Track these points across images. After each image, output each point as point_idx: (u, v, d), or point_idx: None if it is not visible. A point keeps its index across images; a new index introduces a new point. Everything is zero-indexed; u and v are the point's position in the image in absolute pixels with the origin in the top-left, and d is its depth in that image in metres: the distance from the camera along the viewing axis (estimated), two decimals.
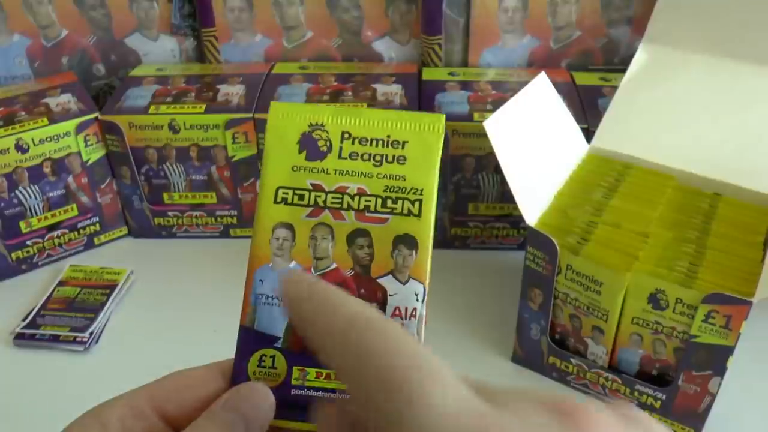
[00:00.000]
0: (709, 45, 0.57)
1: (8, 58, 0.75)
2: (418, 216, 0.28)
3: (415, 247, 0.28)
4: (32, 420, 0.53)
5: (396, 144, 0.29)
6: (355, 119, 0.30)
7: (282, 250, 0.29)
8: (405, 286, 0.28)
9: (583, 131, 0.59)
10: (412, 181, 0.29)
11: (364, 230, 0.28)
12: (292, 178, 0.29)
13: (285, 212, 0.29)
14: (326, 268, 0.28)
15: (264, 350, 0.28)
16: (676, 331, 0.47)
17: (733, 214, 0.52)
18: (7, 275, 0.67)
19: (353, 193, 0.29)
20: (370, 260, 0.28)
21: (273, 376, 0.28)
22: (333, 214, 0.29)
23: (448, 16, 0.73)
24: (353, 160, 0.29)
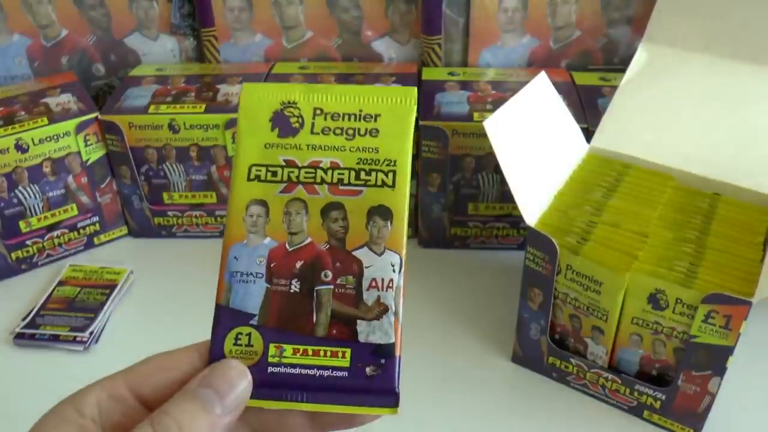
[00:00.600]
0: (708, 45, 0.57)
1: (8, 58, 0.75)
2: (392, 187, 0.29)
3: (390, 218, 0.28)
4: (32, 420, 0.53)
5: (368, 117, 0.29)
6: (326, 95, 0.30)
7: (256, 227, 0.29)
8: (381, 258, 0.28)
9: (583, 131, 0.59)
10: (386, 153, 0.29)
11: (338, 203, 0.29)
12: (264, 155, 0.29)
13: (258, 189, 0.29)
14: (301, 243, 0.28)
15: (240, 328, 0.28)
16: (675, 331, 0.47)
17: (732, 214, 0.52)
18: (6, 275, 0.67)
19: (326, 167, 0.29)
20: (344, 233, 0.28)
21: (249, 354, 0.28)
22: (306, 189, 0.29)
23: (448, 16, 0.73)
24: (326, 134, 0.29)
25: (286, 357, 0.27)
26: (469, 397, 0.53)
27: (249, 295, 0.28)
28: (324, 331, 0.28)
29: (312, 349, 0.27)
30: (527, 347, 0.55)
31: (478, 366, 0.56)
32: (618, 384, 0.51)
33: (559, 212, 0.52)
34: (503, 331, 0.59)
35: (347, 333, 0.27)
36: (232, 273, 0.29)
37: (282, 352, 0.28)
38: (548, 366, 0.54)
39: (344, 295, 0.28)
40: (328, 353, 0.27)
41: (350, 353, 0.27)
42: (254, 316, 0.28)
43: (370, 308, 0.28)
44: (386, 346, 0.27)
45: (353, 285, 0.28)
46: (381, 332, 0.27)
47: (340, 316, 0.28)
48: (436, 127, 0.63)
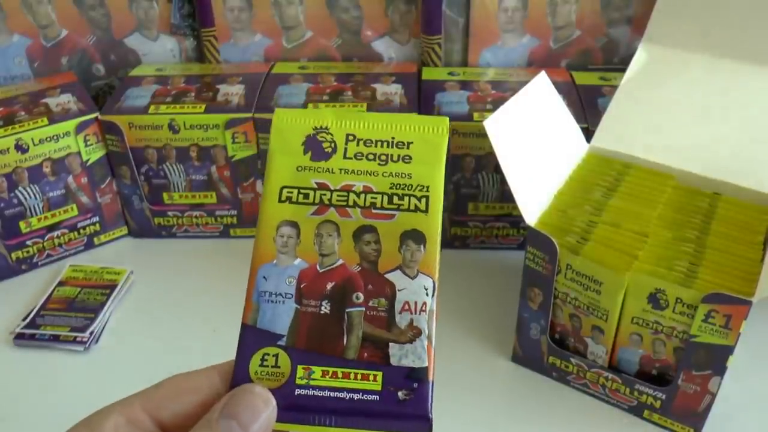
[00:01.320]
0: (708, 45, 0.57)
1: (8, 58, 0.75)
2: (426, 212, 0.29)
3: (423, 242, 0.28)
4: (32, 420, 0.53)
5: (401, 144, 0.30)
6: (358, 122, 0.30)
7: (287, 248, 0.29)
8: (414, 281, 0.28)
9: (583, 131, 0.59)
10: (419, 178, 0.29)
11: (371, 226, 0.29)
12: (296, 177, 0.29)
13: (290, 210, 0.29)
14: (332, 265, 0.28)
15: (267, 348, 0.28)
16: (675, 330, 0.47)
17: (732, 213, 0.52)
18: (7, 275, 0.67)
19: (359, 191, 0.29)
20: (377, 256, 0.28)
21: (276, 376, 0.27)
22: (339, 212, 0.29)
23: (448, 16, 0.73)
24: (358, 160, 0.29)
25: (315, 379, 0.27)
26: (469, 397, 0.53)
27: (277, 315, 0.28)
28: (355, 353, 0.27)
29: (342, 372, 0.27)
30: (527, 347, 0.55)
31: (478, 366, 0.56)
32: (618, 383, 0.51)
33: (559, 212, 0.52)
34: (503, 331, 0.59)
35: (379, 356, 0.27)
36: (261, 293, 0.28)
37: (310, 374, 0.27)
38: (548, 366, 0.54)
39: (376, 318, 0.28)
40: (359, 376, 0.27)
41: (382, 377, 0.27)
42: (282, 337, 0.28)
43: (402, 331, 0.28)
44: (419, 370, 0.27)
45: (385, 307, 0.28)
46: (414, 356, 0.27)
47: (371, 339, 0.27)
48: None
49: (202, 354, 0.59)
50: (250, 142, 0.66)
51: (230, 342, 0.65)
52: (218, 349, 0.64)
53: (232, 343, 0.64)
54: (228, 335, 0.67)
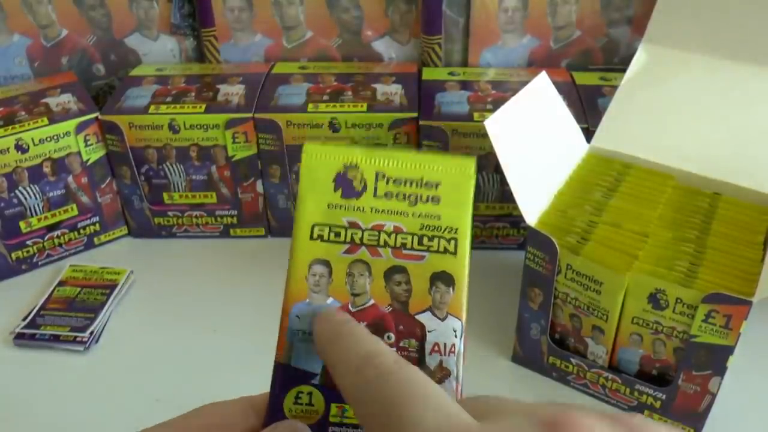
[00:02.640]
0: (708, 45, 0.57)
1: (8, 58, 0.75)
2: (454, 254, 0.29)
3: (452, 284, 0.29)
4: (32, 420, 0.53)
5: (429, 185, 0.30)
6: (388, 160, 0.30)
7: (319, 287, 0.29)
8: (443, 323, 0.28)
9: (583, 131, 0.59)
10: (447, 221, 0.29)
11: (402, 267, 0.29)
12: (328, 215, 0.29)
13: (321, 249, 0.29)
14: (364, 305, 0.29)
15: (301, 387, 0.28)
16: (676, 330, 0.47)
17: (732, 213, 0.52)
18: (7, 275, 0.67)
19: (390, 231, 0.29)
20: (408, 296, 0.29)
21: (310, 413, 0.28)
22: (370, 251, 0.29)
23: (448, 16, 0.73)
24: (388, 199, 0.30)
25: (348, 417, 0.28)
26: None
27: (311, 354, 0.28)
28: None
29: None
30: (527, 347, 0.55)
31: (478, 366, 0.56)
32: (618, 384, 0.51)
33: (559, 212, 0.52)
34: (503, 331, 0.59)
35: None
36: (294, 332, 0.29)
37: (344, 412, 0.28)
38: (548, 366, 0.54)
39: (407, 358, 0.28)
40: None
41: None
42: (316, 376, 0.28)
43: (432, 372, 0.28)
44: None
45: (416, 348, 0.28)
46: None
47: None
48: (436, 127, 0.63)
49: (202, 354, 0.59)
50: (250, 142, 0.66)
51: (230, 342, 0.65)
52: (218, 349, 0.65)
53: (231, 343, 0.64)
54: (228, 335, 0.67)
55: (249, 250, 0.70)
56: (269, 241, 0.71)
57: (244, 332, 0.59)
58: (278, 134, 0.65)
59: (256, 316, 0.61)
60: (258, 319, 0.61)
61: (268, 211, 0.70)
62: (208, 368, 0.56)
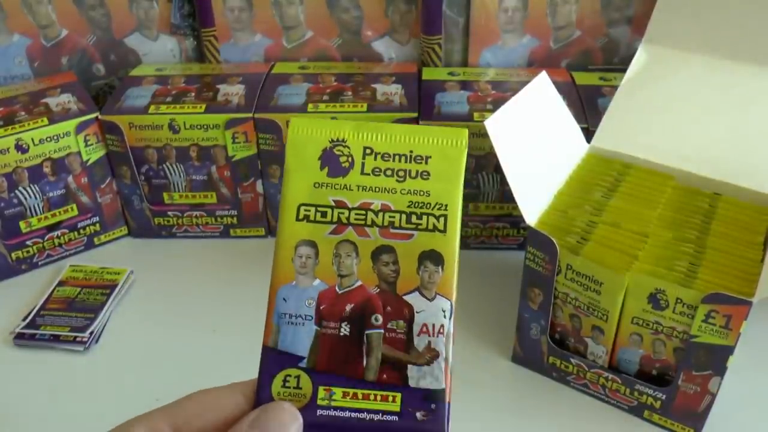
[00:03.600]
0: (708, 45, 0.57)
1: (8, 58, 0.75)
2: (444, 232, 0.28)
3: (441, 263, 0.28)
4: (32, 420, 0.53)
5: (419, 159, 0.29)
6: (376, 134, 0.29)
7: (305, 268, 0.28)
8: (432, 303, 0.28)
9: (583, 131, 0.59)
10: (437, 197, 0.29)
11: (389, 246, 0.28)
12: (314, 194, 0.29)
13: (307, 229, 0.28)
14: (351, 286, 0.28)
15: (288, 370, 0.28)
16: (675, 331, 0.47)
17: (732, 214, 0.52)
18: (7, 275, 0.67)
19: (377, 209, 0.29)
20: (395, 277, 0.28)
21: (298, 397, 0.27)
22: (357, 231, 0.28)
23: (448, 16, 0.73)
24: (376, 175, 0.29)
25: (336, 400, 0.27)
26: (469, 397, 0.53)
27: (298, 337, 0.28)
28: (374, 375, 0.28)
29: (362, 393, 0.27)
30: (527, 347, 0.55)
31: (478, 366, 0.56)
32: (618, 384, 0.51)
33: (559, 212, 0.52)
34: (503, 331, 0.59)
35: (397, 378, 0.28)
36: (281, 315, 0.28)
37: (331, 395, 0.27)
38: (548, 366, 0.54)
39: (394, 340, 0.28)
40: (379, 397, 0.27)
41: (400, 398, 0.27)
42: (303, 359, 0.28)
43: (420, 354, 0.28)
44: (437, 391, 0.28)
45: (404, 330, 0.28)
46: (431, 378, 0.28)
47: (390, 361, 0.28)
48: None
49: (202, 354, 0.59)
50: (250, 142, 0.66)
51: (230, 342, 0.65)
52: (218, 349, 0.65)
53: (231, 343, 0.64)
54: (227, 335, 0.67)
55: (249, 250, 0.70)
56: (269, 241, 0.71)
57: (244, 332, 0.59)
58: (278, 134, 0.65)
59: (256, 316, 0.61)
60: (257, 319, 0.61)
61: (268, 211, 0.70)
62: (208, 368, 0.56)
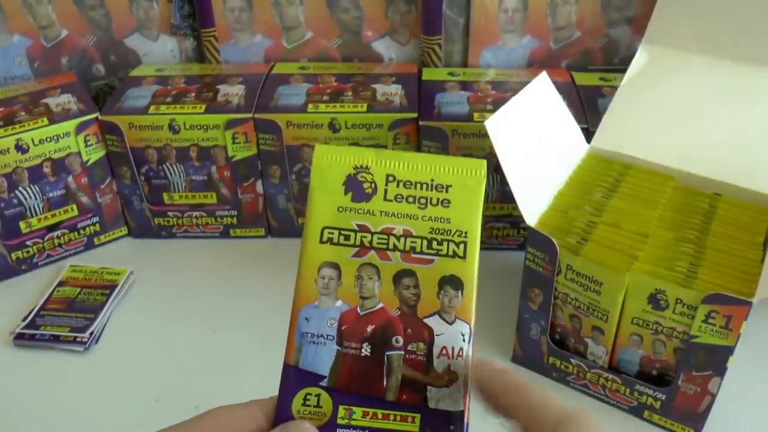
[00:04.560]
0: (708, 46, 0.57)
1: (8, 58, 0.75)
2: (464, 258, 0.29)
3: (461, 288, 0.29)
4: (32, 420, 0.53)
5: (440, 188, 0.30)
6: (399, 162, 0.30)
7: (328, 289, 0.29)
8: (452, 326, 0.29)
9: (583, 131, 0.59)
10: (457, 224, 0.30)
11: (411, 271, 0.29)
12: (337, 218, 0.30)
13: (331, 252, 0.29)
14: (372, 308, 0.29)
15: (309, 389, 0.28)
16: (675, 331, 0.47)
17: (732, 214, 0.52)
18: (7, 275, 0.67)
19: (399, 234, 0.29)
20: (416, 300, 0.29)
21: (318, 415, 0.28)
22: (379, 255, 0.29)
23: (448, 17, 0.73)
24: (398, 202, 0.30)
25: (356, 420, 0.28)
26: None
27: (319, 356, 0.29)
28: (394, 395, 0.28)
29: (382, 413, 0.28)
30: (527, 347, 0.55)
31: None
32: (618, 384, 0.51)
33: (559, 212, 0.52)
34: (503, 331, 0.59)
35: (417, 398, 0.28)
36: (303, 334, 0.29)
37: (351, 414, 0.28)
38: (548, 366, 0.54)
39: (415, 362, 0.28)
40: (398, 417, 0.28)
41: (419, 418, 0.28)
42: (324, 378, 0.28)
43: (440, 376, 0.28)
44: (455, 413, 0.28)
45: (424, 352, 0.29)
46: (450, 399, 0.28)
47: (410, 382, 0.28)
48: (436, 127, 0.63)
49: (202, 354, 0.59)
50: (250, 142, 0.66)
51: (230, 342, 0.65)
52: (218, 349, 0.65)
53: (231, 343, 0.64)
54: (227, 335, 0.67)
55: (249, 251, 0.70)
56: (269, 241, 0.71)
57: (244, 332, 0.59)
58: (278, 135, 0.65)
59: (256, 316, 0.61)
60: (257, 319, 0.61)
61: (267, 211, 0.70)
62: (208, 368, 0.56)
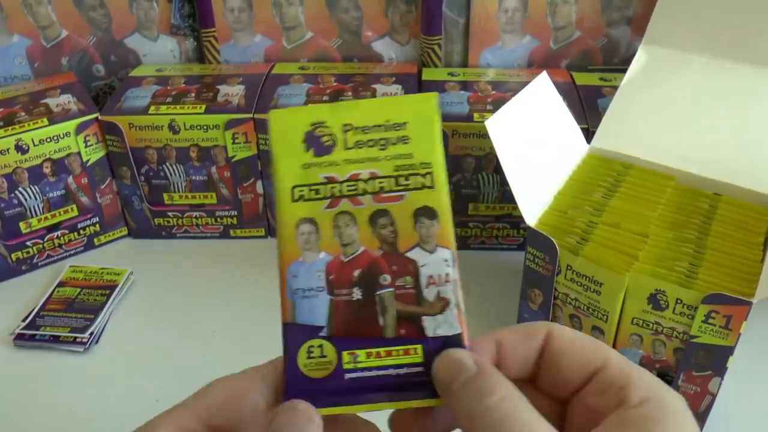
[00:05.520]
0: (708, 46, 0.57)
1: (8, 58, 0.75)
2: (432, 187, 0.30)
3: (435, 217, 0.30)
4: (32, 420, 0.53)
5: (396, 126, 0.31)
6: (352, 111, 0.31)
7: (309, 244, 0.30)
8: (433, 255, 0.29)
9: (583, 131, 0.59)
10: (420, 157, 0.30)
11: (384, 210, 0.30)
12: (304, 175, 0.30)
13: (305, 208, 0.30)
14: (355, 253, 0.30)
15: (311, 341, 0.29)
16: (675, 331, 0.47)
17: (733, 214, 0.52)
18: (7, 276, 0.67)
19: (366, 178, 0.30)
20: (395, 237, 0.30)
21: (324, 365, 0.28)
22: (351, 201, 0.30)
23: (448, 17, 0.73)
24: (360, 148, 0.30)
25: (361, 362, 0.28)
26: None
27: (314, 308, 0.29)
28: (393, 331, 0.29)
29: (385, 351, 0.28)
30: None
31: None
32: None
33: (559, 212, 0.52)
34: None
35: (415, 330, 0.29)
36: (294, 290, 0.29)
37: (356, 357, 0.29)
38: None
39: (405, 295, 0.29)
40: (401, 352, 0.28)
41: (422, 349, 0.28)
42: (323, 328, 0.29)
43: (432, 304, 0.29)
44: (454, 336, 0.28)
45: (412, 284, 0.29)
46: (447, 325, 0.29)
47: (405, 316, 0.29)
48: None
49: (201, 354, 0.59)
50: (250, 142, 0.66)
51: (229, 342, 0.65)
52: (218, 349, 0.64)
53: (231, 343, 0.64)
54: (227, 335, 0.67)
55: (249, 251, 0.70)
56: (269, 241, 0.71)
57: (244, 332, 0.59)
58: None
59: (256, 317, 0.61)
60: (257, 319, 0.61)
61: (268, 211, 0.70)
62: (208, 368, 0.56)
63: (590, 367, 0.27)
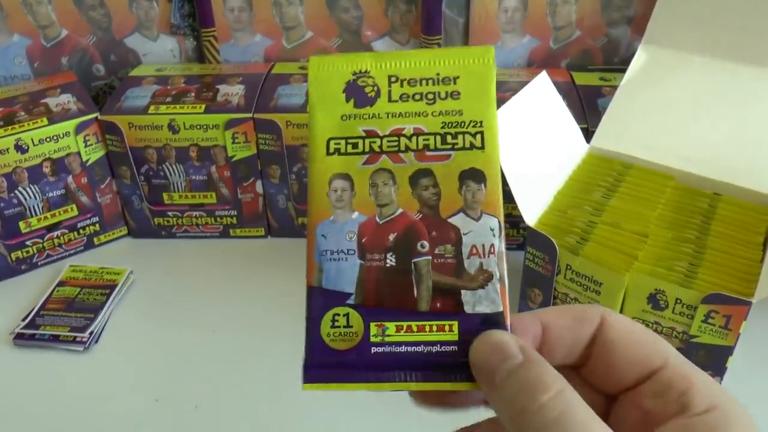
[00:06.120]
0: (708, 46, 0.57)
1: (8, 58, 0.75)
2: (482, 148, 0.27)
3: (483, 181, 0.27)
4: (32, 420, 0.53)
5: (447, 80, 0.28)
6: (399, 62, 0.29)
7: (342, 202, 0.27)
8: (479, 222, 0.27)
9: (583, 131, 0.59)
10: (470, 114, 0.28)
11: (427, 170, 0.27)
12: (342, 127, 0.28)
13: (340, 163, 0.27)
14: (392, 215, 0.27)
15: (336, 309, 0.26)
16: (675, 331, 0.47)
17: (732, 214, 0.52)
18: (6, 275, 0.67)
19: (410, 134, 0.28)
20: (437, 200, 0.27)
21: (350, 336, 0.26)
22: (391, 158, 0.27)
23: (448, 16, 0.73)
24: (405, 101, 0.28)
25: (390, 336, 0.26)
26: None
27: (342, 273, 0.26)
28: (427, 305, 0.26)
29: (416, 325, 0.26)
30: None
31: None
32: None
33: (559, 212, 0.52)
34: None
35: (452, 305, 0.26)
36: (322, 252, 0.27)
37: (384, 330, 0.26)
38: None
39: (444, 265, 0.26)
40: (434, 328, 0.26)
41: (458, 326, 0.26)
42: (350, 295, 0.26)
43: (473, 277, 0.26)
44: (495, 315, 0.26)
45: (452, 254, 0.26)
46: (488, 301, 0.26)
47: (442, 288, 0.26)
48: None
49: (201, 354, 0.59)
50: (250, 142, 0.66)
51: (229, 342, 0.65)
52: (218, 349, 0.64)
53: (231, 343, 0.64)
54: (227, 335, 0.67)
55: (249, 251, 0.70)
56: (269, 241, 0.71)
57: (244, 332, 0.59)
58: (278, 134, 0.65)
59: (256, 316, 0.61)
60: (257, 319, 0.61)
61: (267, 211, 0.70)
62: (208, 368, 0.56)
63: (649, 365, 0.24)
